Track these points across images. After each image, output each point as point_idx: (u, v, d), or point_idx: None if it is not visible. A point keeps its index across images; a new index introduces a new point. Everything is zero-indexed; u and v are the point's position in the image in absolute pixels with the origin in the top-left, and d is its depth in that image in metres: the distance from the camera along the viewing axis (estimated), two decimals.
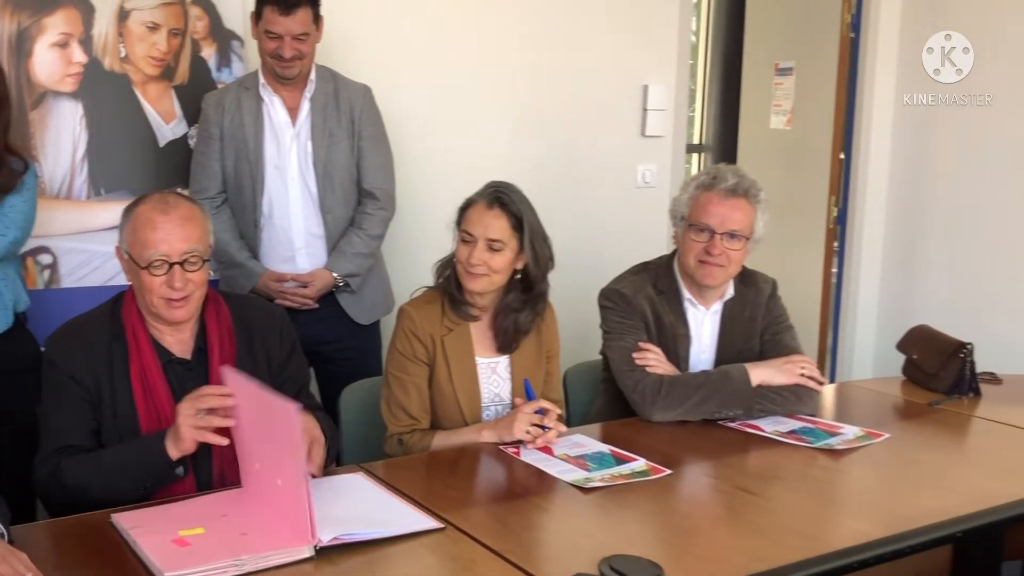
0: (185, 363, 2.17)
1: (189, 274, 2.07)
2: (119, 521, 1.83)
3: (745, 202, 2.59)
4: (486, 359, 2.51)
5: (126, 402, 2.10)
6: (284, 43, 2.90)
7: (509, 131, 3.88)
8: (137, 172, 3.22)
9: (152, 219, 2.06)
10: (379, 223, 3.12)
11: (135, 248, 2.08)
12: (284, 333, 2.31)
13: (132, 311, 2.15)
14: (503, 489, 2.19)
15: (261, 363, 2.24)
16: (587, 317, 3.06)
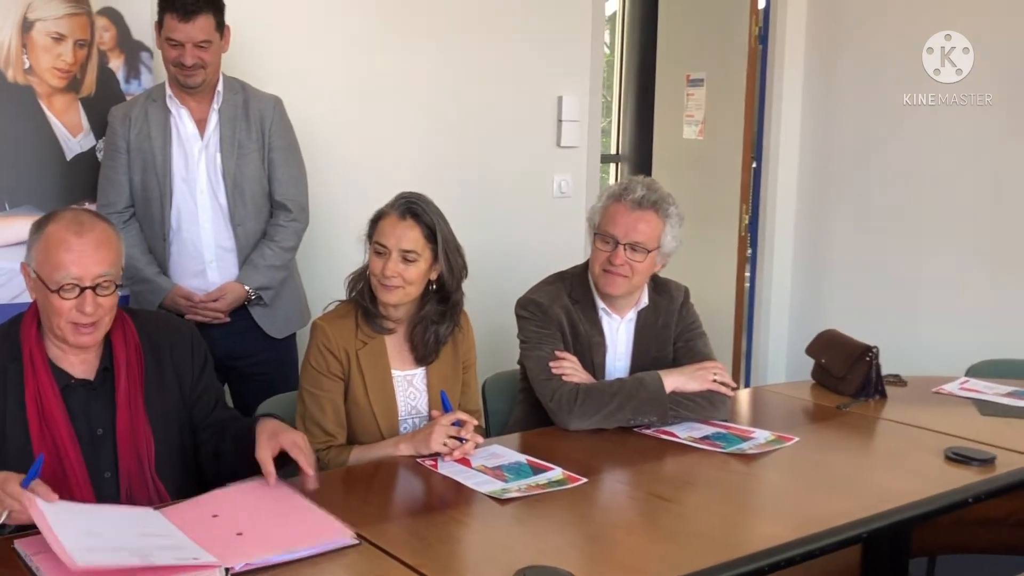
0: (88, 384, 2.11)
1: (100, 299, 2.02)
2: (22, 547, 1.77)
3: (652, 214, 2.63)
4: (402, 372, 2.51)
5: (19, 428, 2.03)
6: (185, 51, 2.86)
7: (423, 141, 3.87)
8: (43, 186, 3.13)
9: (65, 240, 1.99)
10: (292, 235, 3.09)
11: (44, 269, 2.00)
12: (195, 348, 2.27)
13: (31, 332, 2.07)
14: (420, 503, 2.18)
15: (171, 381, 2.20)
16: (504, 326, 3.08)
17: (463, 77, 3.93)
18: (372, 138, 3.76)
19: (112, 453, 2.10)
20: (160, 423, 2.16)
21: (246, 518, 1.90)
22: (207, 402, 2.27)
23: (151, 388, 2.16)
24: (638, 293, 2.74)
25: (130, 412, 2.11)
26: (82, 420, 2.08)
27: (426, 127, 3.88)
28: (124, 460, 2.10)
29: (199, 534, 1.81)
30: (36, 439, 2.02)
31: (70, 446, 2.04)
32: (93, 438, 2.09)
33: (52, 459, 2.02)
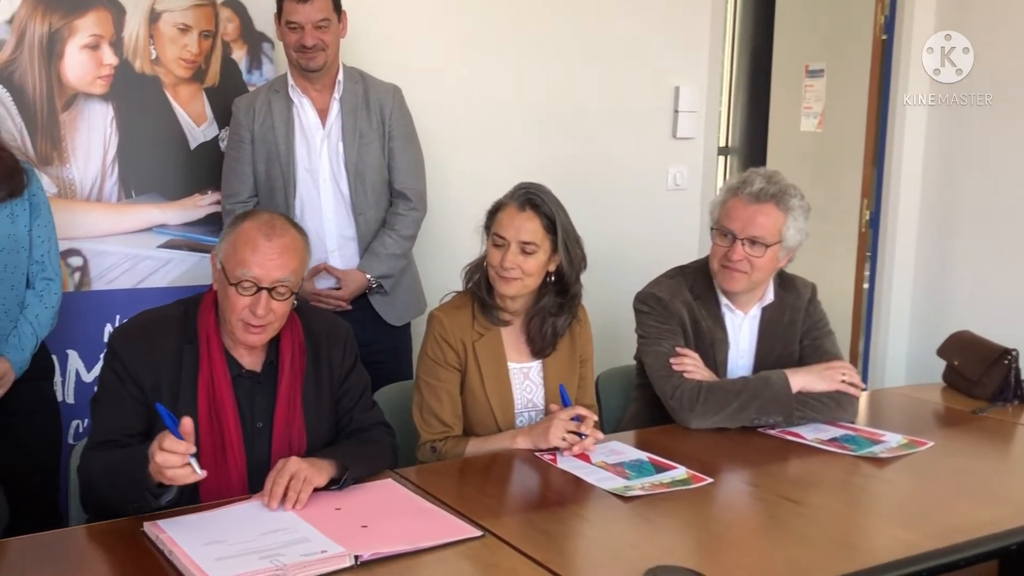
0: (255, 376, 2.13)
1: (274, 303, 2.03)
2: (151, 529, 1.80)
3: (772, 207, 2.54)
4: (518, 364, 2.47)
5: (189, 411, 2.03)
6: (305, 32, 2.89)
7: (539, 131, 3.85)
8: (168, 175, 3.21)
9: (254, 239, 2.03)
10: (411, 223, 3.10)
11: (230, 262, 2.04)
12: (348, 348, 2.27)
13: (209, 318, 2.10)
14: (540, 497, 2.14)
15: (324, 377, 2.21)
16: (618, 320, 3.03)
17: (579, 67, 3.89)
18: (486, 128, 3.75)
19: (268, 446, 2.12)
20: (313, 420, 2.17)
21: (370, 512, 1.91)
22: (349, 399, 2.26)
23: (308, 385, 2.18)
24: (762, 289, 2.66)
25: (288, 407, 2.13)
26: (246, 411, 2.11)
27: (540, 117, 3.85)
28: (277, 454, 2.11)
29: (324, 525, 1.82)
30: (204, 425, 2.05)
31: (235, 436, 2.07)
32: (253, 430, 2.12)
33: (216, 447, 2.06)
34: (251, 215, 2.11)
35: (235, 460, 2.07)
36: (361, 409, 2.26)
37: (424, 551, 1.75)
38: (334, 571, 1.66)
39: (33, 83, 2.99)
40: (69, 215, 3.02)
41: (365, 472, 2.08)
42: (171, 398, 2.05)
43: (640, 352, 2.67)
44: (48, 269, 2.73)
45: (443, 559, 1.75)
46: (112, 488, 1.91)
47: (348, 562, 1.68)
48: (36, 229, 2.69)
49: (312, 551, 1.70)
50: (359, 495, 2.00)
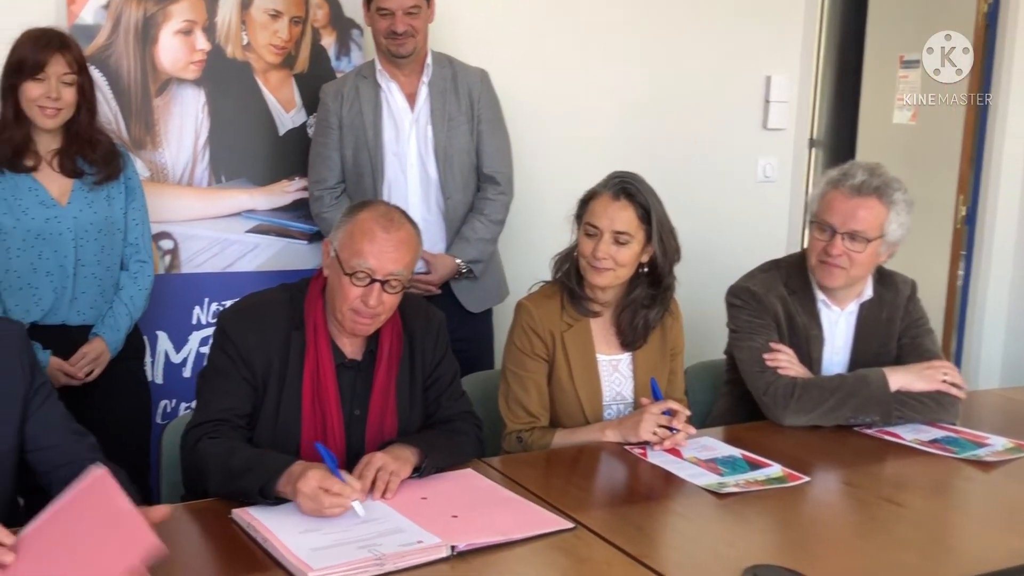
0: (356, 365, 2.13)
1: (386, 295, 2.03)
2: (240, 516, 1.80)
3: (875, 201, 2.45)
4: (607, 356, 2.43)
5: (293, 397, 2.06)
6: (396, 18, 2.89)
7: (627, 119, 3.81)
8: (257, 160, 3.23)
9: (372, 231, 2.02)
10: (500, 208, 3.09)
11: (345, 252, 2.04)
12: (440, 336, 2.26)
13: (317, 306, 2.11)
14: (631, 490, 2.10)
15: (418, 366, 2.21)
16: (704, 314, 2.97)
17: (668, 53, 3.83)
18: (573, 114, 3.72)
19: (362, 435, 2.12)
20: (406, 408, 2.17)
21: (457, 502, 1.89)
22: (436, 390, 2.24)
23: (403, 374, 2.17)
24: (861, 285, 2.57)
25: (384, 396, 2.14)
26: (347, 399, 2.11)
27: (628, 105, 3.80)
28: (371, 443, 2.11)
29: (414, 515, 1.80)
30: (307, 412, 2.06)
31: (337, 424, 2.08)
32: (352, 418, 2.12)
33: (318, 435, 2.06)
34: (368, 205, 2.11)
35: (336, 447, 2.06)
36: (449, 398, 2.25)
37: (517, 542, 1.73)
38: (431, 561, 1.65)
39: (128, 68, 3.04)
40: (161, 199, 3.06)
41: (447, 462, 2.06)
42: (278, 383, 2.07)
43: (732, 347, 2.61)
44: (142, 251, 2.77)
45: (536, 550, 1.72)
46: (225, 481, 1.90)
47: (445, 552, 1.66)
48: (131, 212, 2.73)
49: (409, 541, 1.69)
50: (443, 484, 1.99)
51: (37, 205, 2.59)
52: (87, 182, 2.63)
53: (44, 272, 2.60)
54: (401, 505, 1.85)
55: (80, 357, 2.63)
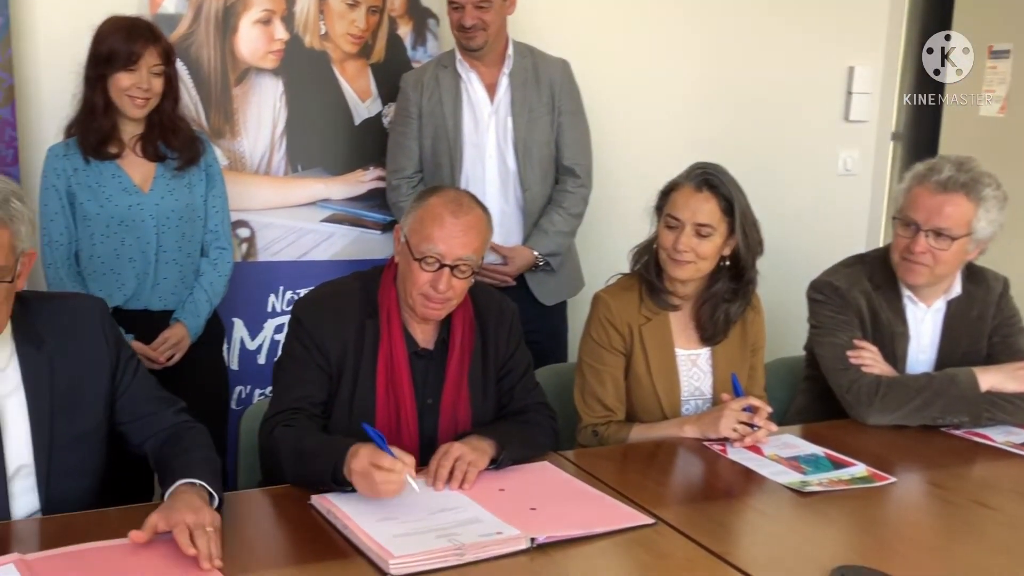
0: (428, 354, 2.13)
1: (455, 280, 2.03)
2: (320, 503, 1.81)
3: (961, 197, 2.36)
4: (686, 350, 2.39)
5: (368, 385, 2.07)
6: (465, 12, 2.88)
7: (706, 110, 3.77)
8: (332, 150, 3.25)
9: (441, 216, 2.02)
10: (579, 201, 3.07)
11: (415, 237, 2.04)
12: (513, 327, 2.25)
13: (390, 294, 2.11)
14: (710, 487, 2.06)
15: (491, 356, 2.20)
16: (782, 309, 2.91)
17: (748, 44, 3.78)
18: (651, 106, 3.69)
19: (436, 423, 2.13)
20: (479, 398, 2.17)
21: (535, 495, 1.87)
22: (509, 380, 2.23)
23: (476, 363, 2.17)
24: (948, 281, 2.49)
25: (456, 385, 2.13)
26: (420, 388, 2.11)
27: (707, 97, 3.76)
28: (444, 432, 2.11)
29: (492, 506, 1.79)
30: (381, 400, 2.07)
31: (410, 412, 2.08)
32: (424, 407, 2.12)
33: (392, 422, 2.07)
34: (438, 191, 2.10)
35: (409, 435, 2.08)
36: (523, 389, 2.23)
37: (596, 536, 1.71)
38: (511, 552, 1.63)
39: (208, 57, 3.07)
40: (238, 187, 3.09)
41: (523, 454, 2.05)
42: (353, 371, 2.07)
43: (813, 343, 2.55)
44: (221, 238, 2.80)
45: (617, 544, 1.70)
46: (297, 468, 1.91)
47: (524, 544, 1.65)
48: (211, 199, 2.76)
49: (488, 532, 1.68)
50: (520, 476, 1.97)
51: (120, 192, 2.63)
52: (169, 168, 2.67)
53: (127, 258, 2.64)
54: (479, 496, 1.84)
55: (161, 342, 2.67)
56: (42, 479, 1.79)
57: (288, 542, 1.75)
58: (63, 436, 1.80)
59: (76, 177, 2.61)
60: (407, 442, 2.05)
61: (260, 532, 1.80)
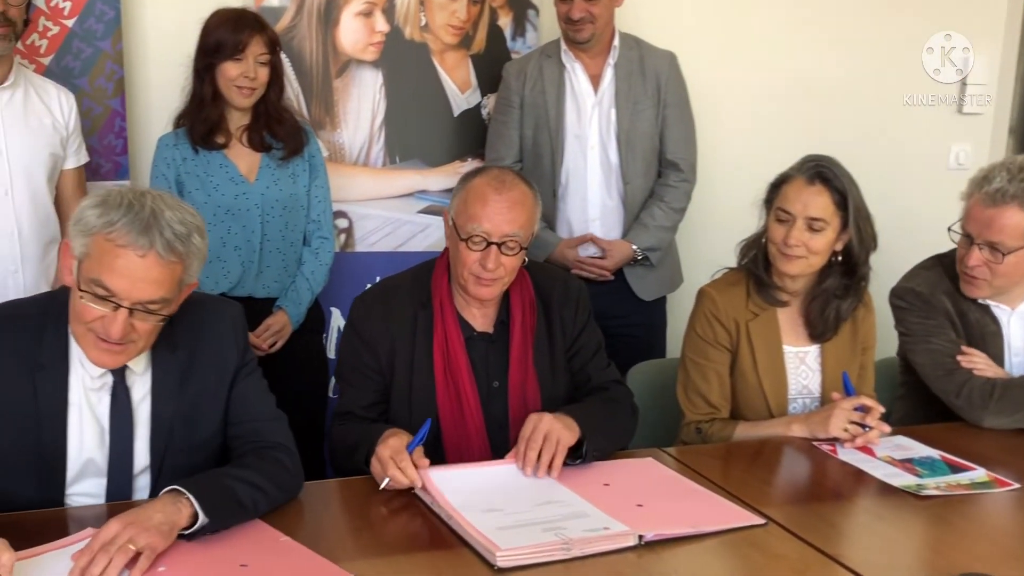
0: (487, 337, 2.13)
1: (504, 258, 2.02)
2: (424, 494, 1.80)
3: (1014, 209, 2.24)
4: (794, 348, 2.33)
5: (426, 374, 2.08)
6: (574, 4, 2.85)
7: (810, 103, 3.67)
8: (431, 141, 3.25)
9: (484, 194, 2.02)
10: (682, 196, 3.02)
11: (460, 218, 2.04)
12: (580, 305, 2.22)
13: (442, 282, 2.12)
14: (820, 487, 2.00)
15: (557, 336, 2.18)
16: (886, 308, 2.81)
17: (856, 33, 3.67)
18: (756, 99, 3.62)
19: (504, 406, 2.12)
20: (547, 378, 2.15)
21: (641, 491, 1.84)
22: (580, 358, 2.21)
23: (540, 343, 2.15)
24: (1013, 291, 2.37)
25: (521, 366, 2.12)
26: (481, 372, 2.11)
27: (814, 88, 3.67)
28: (515, 414, 2.11)
29: (598, 501, 1.76)
30: (441, 387, 2.08)
31: (471, 396, 2.08)
32: (490, 390, 2.11)
33: (454, 409, 2.07)
34: (482, 171, 2.10)
35: (473, 419, 2.07)
36: (596, 367, 2.21)
37: (707, 535, 1.67)
38: (619, 549, 1.61)
39: (310, 49, 3.10)
40: (337, 179, 3.10)
41: (606, 445, 2.01)
42: (407, 363, 2.09)
43: (906, 351, 2.46)
44: (323, 228, 2.82)
45: (726, 544, 1.66)
46: (346, 460, 1.98)
47: (632, 541, 1.62)
48: (314, 190, 2.79)
49: (594, 527, 1.65)
50: (625, 472, 1.94)
51: (227, 182, 2.67)
52: (274, 158, 2.71)
53: (233, 246, 2.69)
54: (584, 490, 1.81)
55: (264, 329, 2.70)
56: (153, 482, 1.81)
57: (393, 531, 1.75)
58: (178, 443, 1.81)
59: (185, 166, 2.66)
60: (471, 427, 2.05)
61: (365, 521, 1.80)
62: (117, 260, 1.60)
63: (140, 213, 1.61)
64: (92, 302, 1.62)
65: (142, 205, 1.63)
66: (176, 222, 1.64)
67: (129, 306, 1.61)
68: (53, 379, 1.72)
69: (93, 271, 1.61)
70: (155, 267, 1.62)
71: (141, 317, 1.64)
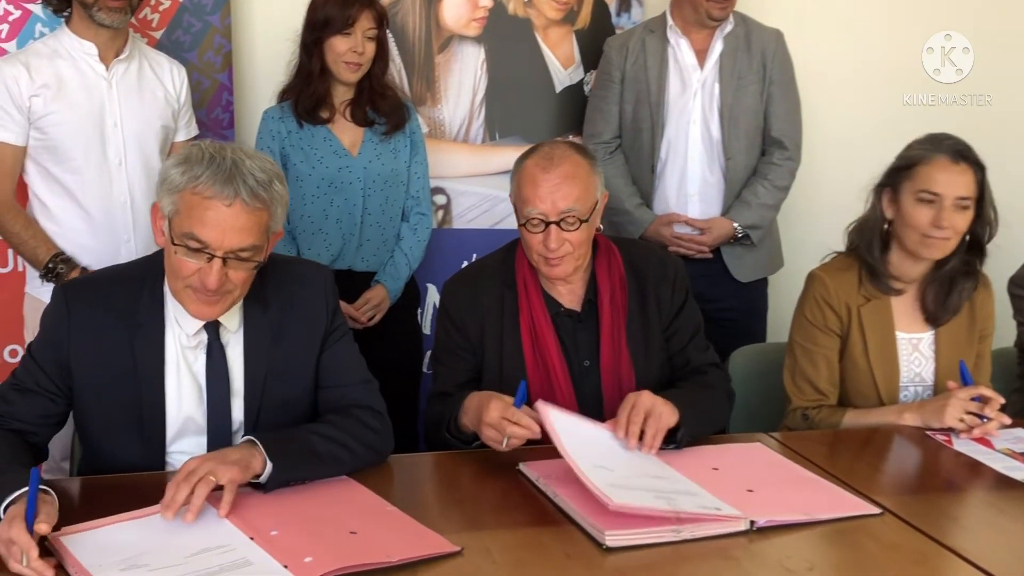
0: (575, 315, 2.11)
1: (566, 234, 1.98)
2: (528, 469, 1.80)
3: None
4: (907, 334, 2.25)
5: (515, 353, 2.08)
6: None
7: (925, 86, 3.55)
8: (531, 118, 3.22)
9: (533, 175, 1.99)
10: (786, 174, 2.94)
11: (518, 202, 2.04)
12: (677, 284, 2.16)
13: (525, 261, 2.11)
14: (935, 477, 1.94)
15: (652, 314, 2.13)
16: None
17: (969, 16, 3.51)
18: (864, 81, 3.50)
19: (597, 385, 2.10)
20: (641, 356, 2.11)
21: (752, 476, 1.80)
22: (679, 340, 2.16)
23: (633, 321, 2.11)
24: None
25: (613, 344, 2.09)
26: (571, 350, 2.09)
27: (923, 73, 3.52)
28: (608, 392, 2.08)
29: (707, 483, 1.72)
30: (530, 366, 2.07)
31: (561, 374, 2.07)
32: (581, 369, 2.09)
33: (544, 387, 2.05)
34: (532, 151, 2.07)
35: (563, 398, 2.05)
36: (695, 349, 2.15)
37: (818, 523, 1.62)
38: (729, 533, 1.57)
39: (414, 25, 3.10)
40: (436, 155, 3.10)
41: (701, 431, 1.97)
42: (497, 343, 2.09)
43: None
44: (422, 204, 2.83)
45: (840, 532, 1.61)
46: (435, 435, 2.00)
47: (743, 526, 1.59)
48: (414, 166, 2.80)
49: (707, 504, 1.62)
50: (733, 456, 1.90)
51: (331, 155, 2.69)
52: (376, 133, 2.72)
53: (335, 219, 2.71)
54: (692, 472, 1.78)
55: (363, 302, 2.72)
56: None
57: (497, 505, 1.74)
58: (272, 400, 1.84)
59: (290, 139, 2.69)
60: (562, 403, 2.01)
61: (467, 494, 1.80)
62: (207, 212, 1.66)
63: (222, 165, 1.67)
64: (187, 256, 1.67)
65: (223, 157, 1.68)
66: (257, 170, 1.69)
67: (222, 255, 1.66)
68: (150, 338, 1.78)
69: (184, 226, 1.67)
70: (242, 215, 1.66)
71: (234, 266, 1.69)
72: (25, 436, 1.75)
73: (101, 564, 1.41)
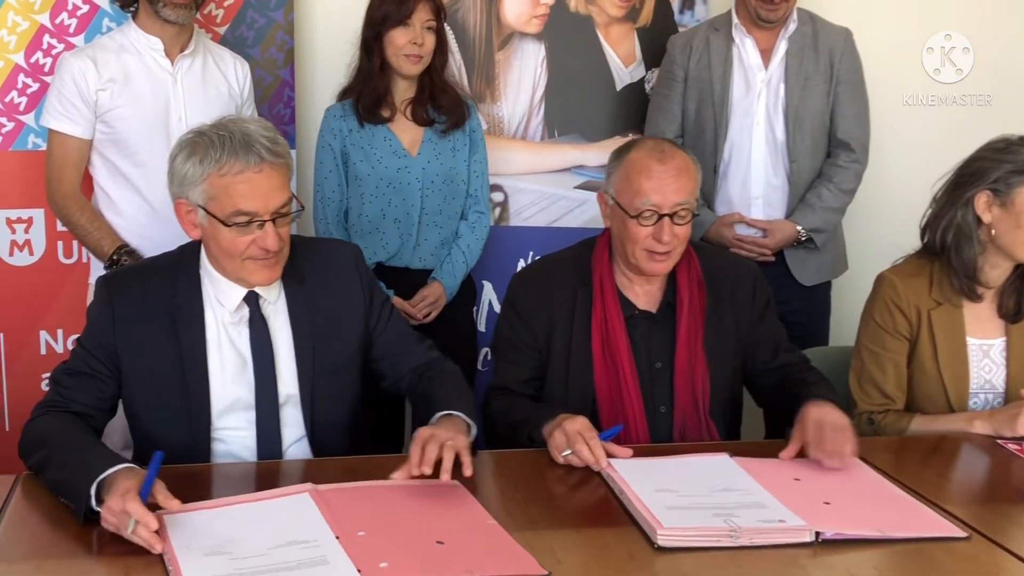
0: (651, 317, 2.09)
1: (677, 228, 1.98)
2: None
3: None
4: (978, 340, 2.19)
5: (583, 351, 2.06)
6: None
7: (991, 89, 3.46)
8: (591, 115, 3.20)
9: (648, 167, 1.98)
10: (852, 177, 2.88)
11: (624, 195, 2.01)
12: (757, 290, 2.16)
13: (603, 259, 2.10)
14: (1006, 489, 1.88)
15: (729, 320, 2.12)
16: None
17: None
18: (936, 80, 3.45)
19: (668, 388, 2.08)
20: (716, 362, 2.10)
21: (833, 489, 1.74)
22: (765, 348, 2.16)
23: (710, 326, 2.10)
24: None
25: (689, 348, 2.08)
26: (642, 352, 2.08)
27: (991, 74, 3.45)
28: (680, 396, 2.07)
29: (782, 494, 1.69)
30: (599, 365, 2.06)
31: (630, 376, 2.05)
32: (651, 371, 2.08)
33: (612, 388, 2.05)
34: (636, 144, 2.06)
35: (630, 400, 2.04)
36: (788, 350, 2.17)
37: (894, 541, 1.57)
38: (791, 543, 1.54)
39: (474, 22, 3.09)
40: (495, 152, 3.09)
41: None
42: (565, 340, 2.07)
43: None
44: (480, 202, 2.82)
45: (919, 552, 1.54)
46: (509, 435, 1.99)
47: (807, 537, 1.55)
48: (473, 164, 2.80)
49: (769, 518, 1.59)
50: (819, 467, 1.82)
51: (390, 155, 2.69)
52: (436, 131, 2.72)
53: (392, 219, 2.71)
54: (770, 481, 1.74)
55: (420, 299, 2.72)
56: (307, 406, 1.91)
57: (565, 504, 1.74)
58: (324, 365, 1.92)
59: (351, 138, 2.70)
60: (629, 408, 2.03)
61: (538, 492, 1.76)
62: (242, 185, 1.74)
63: (234, 139, 1.75)
64: (241, 232, 1.76)
65: (230, 132, 1.76)
66: (263, 129, 1.79)
67: (271, 217, 1.76)
68: (189, 319, 1.85)
69: (226, 206, 1.75)
70: (273, 174, 1.77)
71: (281, 223, 1.79)
72: (86, 420, 1.80)
73: (188, 547, 1.46)
